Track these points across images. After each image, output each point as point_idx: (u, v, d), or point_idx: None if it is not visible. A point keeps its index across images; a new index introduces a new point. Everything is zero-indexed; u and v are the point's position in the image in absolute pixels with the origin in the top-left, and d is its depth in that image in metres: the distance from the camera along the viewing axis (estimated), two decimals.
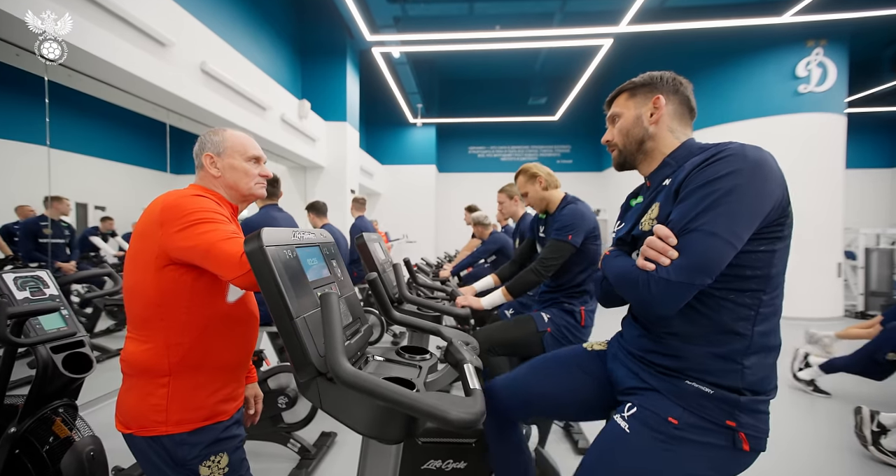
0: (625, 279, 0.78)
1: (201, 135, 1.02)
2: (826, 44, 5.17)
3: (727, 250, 0.68)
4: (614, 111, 0.92)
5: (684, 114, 0.87)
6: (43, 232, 3.31)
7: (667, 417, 0.76)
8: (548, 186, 1.71)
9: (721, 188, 0.68)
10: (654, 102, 0.85)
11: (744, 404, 0.72)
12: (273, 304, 0.70)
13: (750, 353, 0.73)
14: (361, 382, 0.61)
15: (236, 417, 0.97)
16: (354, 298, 1.00)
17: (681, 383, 0.77)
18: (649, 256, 0.72)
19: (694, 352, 0.76)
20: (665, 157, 0.85)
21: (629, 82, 0.90)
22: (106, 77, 2.64)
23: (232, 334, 0.95)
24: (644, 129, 0.86)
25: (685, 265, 0.68)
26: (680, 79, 0.87)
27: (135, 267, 0.85)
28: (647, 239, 0.74)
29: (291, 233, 0.82)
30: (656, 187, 0.85)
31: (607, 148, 0.95)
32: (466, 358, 0.79)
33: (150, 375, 0.84)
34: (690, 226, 0.69)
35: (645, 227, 0.81)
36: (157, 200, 0.86)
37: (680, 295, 0.70)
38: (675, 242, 0.70)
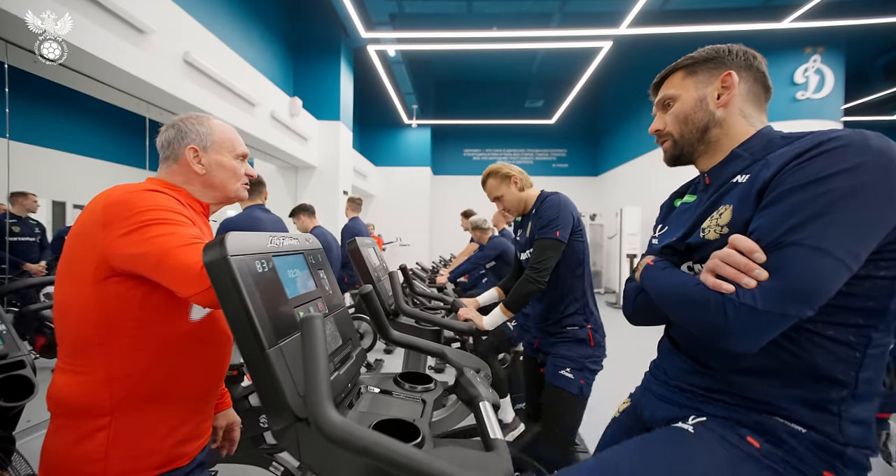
0: (684, 300, 0.61)
1: (177, 120, 0.85)
2: (823, 51, 5.18)
3: (840, 272, 0.52)
4: (666, 94, 0.75)
5: (759, 94, 0.70)
6: (12, 229, 3.08)
7: (745, 436, 0.60)
8: (523, 186, 1.53)
9: (834, 189, 0.51)
10: (722, 80, 0.69)
11: (849, 456, 0.57)
12: (238, 330, 0.55)
13: (852, 404, 0.57)
14: (352, 439, 0.46)
15: (199, 459, 0.81)
16: (345, 314, 0.84)
17: (760, 416, 0.61)
18: (726, 275, 0.56)
19: (775, 395, 0.61)
20: (734, 148, 0.69)
21: (687, 57, 0.73)
22: (79, 66, 2.44)
23: (197, 359, 0.78)
24: (709, 113, 0.70)
25: (779, 289, 0.52)
26: (752, 52, 0.70)
27: (68, 278, 0.68)
28: (722, 252, 0.58)
29: (267, 238, 0.67)
30: (721, 185, 0.68)
31: (656, 139, 0.79)
32: (482, 394, 0.64)
33: (84, 415, 0.67)
34: (787, 238, 0.53)
35: (709, 234, 0.65)
36: (100, 196, 0.69)
37: (768, 327, 0.54)
38: (764, 259, 0.54)
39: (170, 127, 0.84)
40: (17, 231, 3.14)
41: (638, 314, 0.81)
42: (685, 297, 0.61)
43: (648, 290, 0.72)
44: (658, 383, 0.78)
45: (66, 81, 2.67)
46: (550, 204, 1.42)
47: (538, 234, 1.39)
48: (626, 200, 7.56)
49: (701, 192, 0.76)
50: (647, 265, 0.75)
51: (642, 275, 0.75)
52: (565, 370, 1.38)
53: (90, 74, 2.56)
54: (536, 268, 1.34)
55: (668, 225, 0.81)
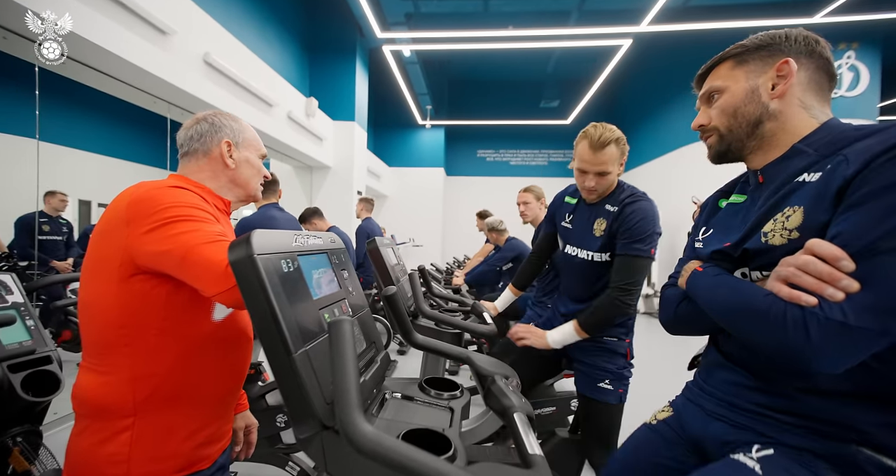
0: (749, 312, 0.55)
1: (209, 114, 0.84)
2: (858, 47, 4.96)
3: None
4: (712, 86, 0.69)
5: (823, 83, 0.63)
6: (41, 228, 3.18)
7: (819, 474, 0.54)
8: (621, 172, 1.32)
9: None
10: (777, 69, 0.63)
11: None
12: (264, 333, 0.52)
13: None
14: (385, 452, 0.43)
15: (221, 462, 0.79)
16: (368, 316, 0.82)
17: (840, 446, 0.55)
18: (805, 285, 0.50)
19: (859, 420, 0.54)
20: (795, 143, 0.63)
21: (737, 45, 0.67)
22: (103, 66, 2.49)
23: (218, 360, 0.76)
24: (762, 105, 0.64)
25: (875, 304, 0.47)
26: (815, 36, 0.64)
27: (93, 276, 0.67)
28: (798, 259, 0.52)
29: (292, 237, 0.64)
30: (782, 184, 0.62)
31: (701, 135, 0.73)
32: (516, 405, 0.60)
33: (108, 416, 0.65)
34: (883, 244, 0.47)
35: (774, 239, 0.59)
36: (125, 193, 0.68)
37: (860, 347, 0.48)
38: (853, 268, 0.48)
39: (201, 120, 0.83)
40: (47, 230, 3.24)
41: (680, 324, 0.76)
42: (751, 310, 0.55)
43: (699, 298, 0.66)
44: (707, 397, 0.72)
45: (90, 82, 2.73)
46: (645, 212, 1.22)
47: (630, 249, 1.21)
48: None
49: (752, 191, 0.70)
50: (695, 271, 0.69)
51: (690, 282, 0.69)
52: (604, 382, 1.30)
53: (113, 74, 2.62)
54: (626, 289, 1.20)
55: (712, 227, 0.75)
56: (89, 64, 2.44)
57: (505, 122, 9.50)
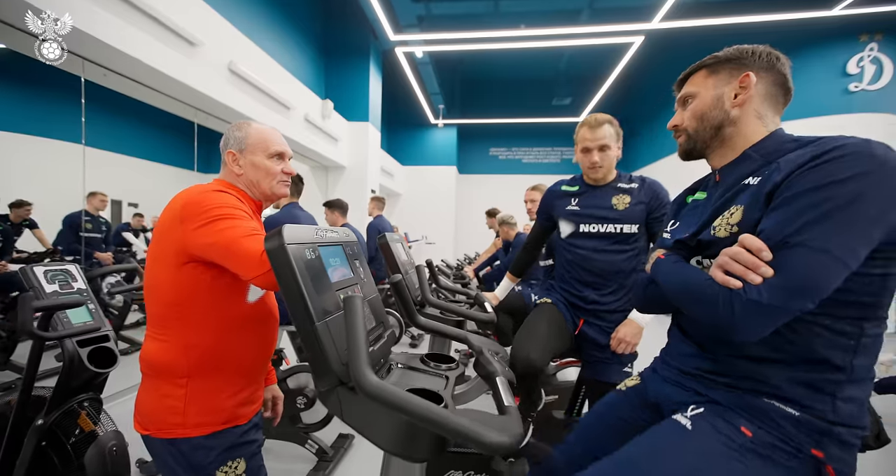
0: (693, 293, 0.66)
1: (228, 128, 0.99)
2: (882, 38, 4.81)
3: (839, 271, 0.56)
4: (687, 91, 0.79)
5: (778, 97, 0.73)
6: (84, 226, 3.45)
7: (738, 426, 0.65)
8: (620, 154, 1.45)
9: (839, 196, 0.56)
10: (740, 81, 0.72)
11: (836, 434, 0.61)
12: (293, 307, 0.66)
13: (845, 386, 0.62)
14: (388, 396, 0.56)
15: (254, 421, 0.94)
16: (378, 301, 0.95)
17: (754, 399, 0.66)
18: (734, 271, 0.60)
19: (772, 376, 0.66)
20: (746, 149, 0.72)
21: (711, 56, 0.76)
22: (139, 76, 2.71)
23: (252, 335, 0.91)
24: (724, 112, 0.73)
25: (783, 286, 0.57)
26: (777, 53, 0.73)
27: (155, 264, 0.83)
28: (731, 250, 0.62)
29: (314, 231, 0.78)
30: (733, 185, 0.72)
31: (674, 134, 0.83)
32: (498, 370, 0.72)
33: (168, 376, 0.81)
34: (793, 239, 0.57)
35: (720, 232, 0.69)
36: (179, 196, 0.83)
37: (772, 320, 0.58)
38: (770, 257, 0.58)
39: (223, 136, 0.98)
40: (90, 227, 3.51)
41: (649, 304, 0.87)
42: (696, 292, 0.66)
43: (659, 282, 0.77)
44: (665, 367, 0.84)
45: (126, 90, 2.96)
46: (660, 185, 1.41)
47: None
48: None
49: (711, 188, 0.80)
50: (658, 259, 0.79)
51: (653, 268, 0.80)
52: (628, 367, 1.39)
53: (147, 83, 2.84)
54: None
55: (679, 221, 0.85)
56: (127, 75, 2.66)
57: (517, 121, 9.53)
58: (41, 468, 1.12)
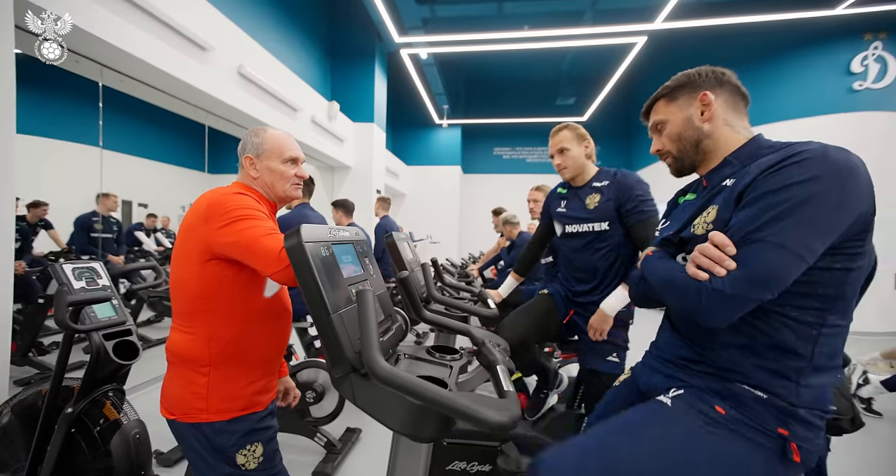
0: (671, 285, 0.72)
1: (244, 134, 1.05)
2: (886, 37, 4.79)
3: (796, 264, 0.62)
4: (656, 120, 0.87)
5: (738, 103, 0.81)
6: (94, 227, 3.55)
7: (714, 406, 0.71)
8: (590, 154, 1.54)
9: (796, 196, 0.61)
10: (701, 100, 0.80)
11: (801, 416, 0.67)
12: (311, 300, 0.72)
13: (807, 373, 0.68)
14: (397, 380, 0.61)
15: (270, 409, 1.00)
16: (386, 296, 1.01)
17: (728, 384, 0.72)
18: (702, 264, 0.67)
19: (742, 364, 0.71)
20: (727, 155, 0.79)
21: (663, 88, 0.85)
22: (153, 81, 2.80)
23: (268, 328, 0.98)
24: (698, 129, 0.81)
25: (743, 277, 0.63)
26: (720, 69, 0.81)
27: (181, 261, 0.89)
28: (700, 246, 0.68)
29: (328, 230, 0.84)
30: (714, 187, 0.78)
31: (660, 157, 0.90)
32: (499, 359, 0.78)
33: (192, 365, 0.88)
34: (754, 236, 0.63)
35: (698, 230, 0.75)
36: (203, 197, 0.90)
37: (733, 308, 0.64)
38: (734, 252, 0.64)
39: (241, 140, 1.04)
40: (100, 228, 3.61)
41: (641, 298, 0.94)
42: (673, 284, 0.72)
43: (647, 276, 0.83)
44: (654, 358, 0.90)
45: (139, 94, 3.05)
46: (630, 180, 1.40)
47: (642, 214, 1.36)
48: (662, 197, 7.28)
49: (700, 191, 0.86)
50: (647, 255, 0.86)
51: (643, 263, 0.86)
52: (612, 356, 1.44)
53: (160, 87, 2.92)
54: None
55: (670, 220, 0.91)
56: (142, 79, 2.74)
57: (521, 121, 9.56)
58: (71, 454, 1.20)
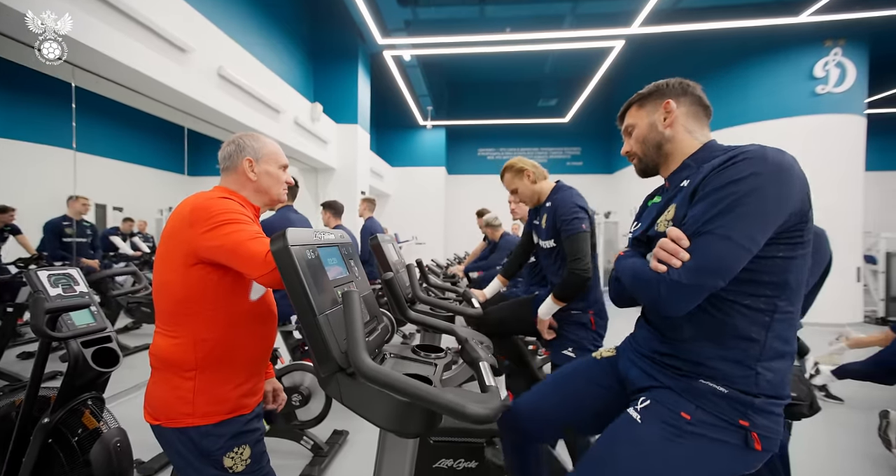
0: (637, 280, 0.78)
1: (237, 137, 1.05)
2: (845, 44, 5.07)
3: (741, 254, 0.68)
4: (628, 123, 0.94)
5: (699, 113, 0.88)
6: (66, 231, 3.42)
7: (679, 412, 0.76)
8: (536, 179, 1.67)
9: (739, 191, 0.68)
10: (664, 107, 0.87)
11: (758, 406, 0.72)
12: (298, 302, 0.73)
13: (764, 359, 0.73)
14: (382, 377, 0.64)
15: (257, 411, 1.01)
16: (372, 297, 1.03)
17: (694, 382, 0.77)
18: (661, 258, 0.72)
19: (706, 355, 0.77)
20: (686, 159, 0.86)
21: (636, 95, 0.93)
22: (130, 82, 2.73)
23: (254, 331, 0.98)
24: (660, 133, 0.88)
25: (695, 267, 0.68)
26: (686, 81, 0.88)
27: (164, 265, 0.89)
28: (660, 241, 0.74)
29: (313, 233, 0.85)
30: (675, 188, 0.85)
31: (628, 158, 0.97)
32: (482, 356, 0.81)
33: (177, 369, 0.88)
34: (704, 228, 0.69)
35: (660, 227, 0.82)
36: (186, 202, 0.90)
37: (689, 297, 0.70)
38: (688, 244, 0.70)
39: (231, 143, 1.04)
40: (71, 233, 3.48)
41: (618, 298, 1.00)
42: (638, 278, 0.78)
43: (619, 274, 0.88)
44: (631, 350, 0.95)
45: (115, 96, 2.97)
46: (563, 200, 1.55)
47: (567, 231, 1.51)
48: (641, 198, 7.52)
49: (664, 193, 0.93)
50: (619, 255, 0.92)
51: (615, 264, 0.92)
52: (567, 350, 1.55)
53: (138, 89, 2.85)
54: (578, 259, 1.47)
55: (640, 221, 0.97)
56: (118, 81, 2.67)
57: (504, 122, 9.68)
58: (48, 465, 1.17)
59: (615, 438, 0.82)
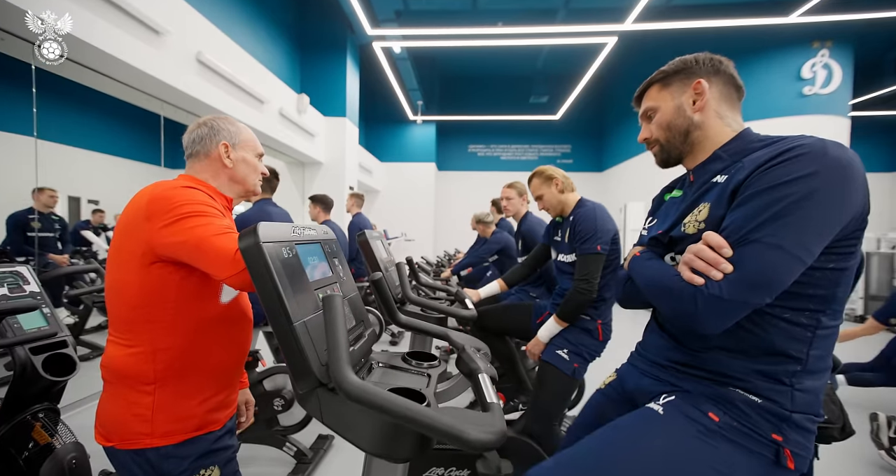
0: (662, 288, 0.69)
1: (208, 119, 0.94)
2: (832, 45, 5.14)
3: (794, 267, 0.59)
4: (648, 106, 0.83)
5: (732, 95, 0.77)
6: (31, 225, 3.20)
7: (707, 412, 0.68)
8: (564, 189, 1.63)
9: (793, 194, 0.58)
10: (694, 88, 0.76)
11: (794, 420, 0.65)
12: (270, 307, 0.63)
13: (801, 377, 0.65)
14: (370, 397, 0.55)
15: (229, 426, 0.90)
16: (358, 299, 0.93)
17: (721, 389, 0.69)
18: (697, 268, 0.63)
19: (737, 368, 0.69)
20: (716, 150, 0.75)
21: (659, 72, 0.81)
22: (99, 66, 2.54)
23: (225, 337, 0.87)
24: (688, 118, 0.77)
25: (741, 281, 0.59)
26: (718, 57, 0.77)
27: (118, 264, 0.78)
28: (695, 248, 0.64)
29: (291, 228, 0.75)
30: (703, 183, 0.74)
31: (647, 146, 0.86)
32: (481, 367, 0.72)
33: (133, 383, 0.76)
34: (751, 236, 0.60)
35: (689, 229, 0.71)
36: (144, 192, 0.79)
37: (731, 314, 0.61)
38: (730, 254, 0.61)
39: (202, 125, 0.93)
40: (38, 226, 3.27)
41: (627, 300, 0.90)
42: (664, 287, 0.68)
43: (635, 278, 0.79)
44: (641, 359, 0.86)
45: (85, 81, 2.77)
46: (585, 217, 1.51)
47: (581, 249, 1.49)
48: (631, 196, 7.58)
49: (686, 187, 0.83)
50: (634, 256, 0.82)
51: (630, 264, 0.82)
52: (562, 350, 1.49)
53: (109, 74, 2.67)
54: (585, 280, 1.45)
55: (656, 218, 0.88)
56: (86, 64, 2.49)
57: (495, 118, 9.59)
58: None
59: (630, 428, 0.73)
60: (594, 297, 1.45)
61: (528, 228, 2.24)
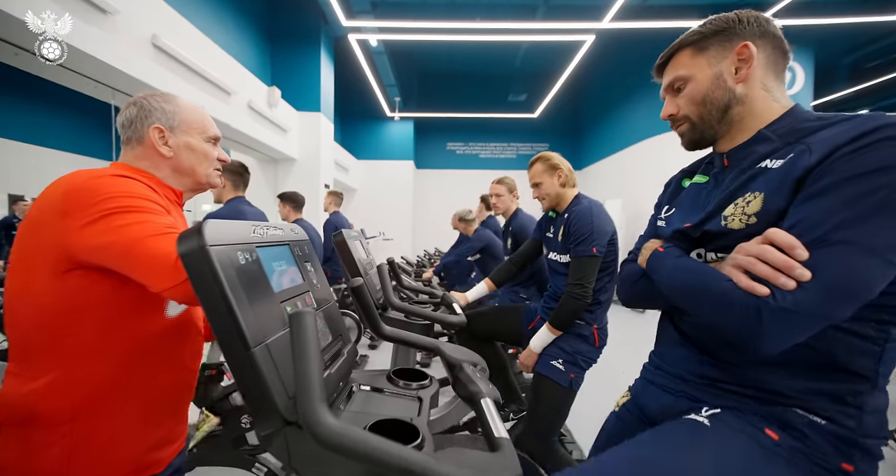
0: (709, 297, 0.56)
1: (139, 98, 0.77)
2: (794, 49, 5.34)
3: (887, 273, 0.48)
4: (677, 75, 0.68)
5: (779, 62, 0.64)
6: None
7: (763, 428, 0.57)
8: (566, 183, 1.53)
9: (887, 185, 0.47)
10: (738, 53, 0.62)
11: (864, 446, 0.55)
12: (220, 330, 0.50)
13: (871, 396, 0.55)
14: (350, 443, 0.43)
15: (176, 465, 0.75)
16: (334, 309, 0.80)
17: (774, 408, 0.59)
18: (761, 273, 0.51)
19: (794, 387, 0.58)
20: (762, 129, 0.63)
21: (692, 32, 0.66)
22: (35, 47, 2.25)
23: (170, 356, 0.72)
24: (729, 91, 0.63)
25: (822, 290, 0.48)
26: (764, 16, 0.63)
27: (22, 272, 0.61)
28: (754, 248, 0.53)
29: (250, 228, 0.61)
30: (746, 169, 0.62)
31: (672, 125, 0.73)
32: (483, 391, 0.61)
33: (40, 425, 0.60)
34: (833, 236, 0.48)
35: (733, 223, 0.59)
36: (59, 181, 0.62)
37: (803, 330, 0.50)
38: (805, 257, 0.49)
39: (131, 104, 0.76)
40: None
41: (637, 299, 0.78)
42: (711, 295, 0.56)
43: (659, 278, 0.68)
44: (661, 374, 0.75)
45: (25, 66, 2.47)
46: (581, 217, 1.41)
47: (575, 251, 1.39)
48: (609, 194, 7.68)
49: (717, 173, 0.70)
50: (655, 251, 0.70)
51: (651, 262, 0.70)
52: (557, 361, 1.39)
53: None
54: (579, 284, 1.35)
55: (675, 207, 0.76)
56: (24, 46, 2.20)
57: (474, 115, 9.51)
58: None
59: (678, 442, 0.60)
60: (589, 301, 1.35)
61: (519, 226, 2.15)
